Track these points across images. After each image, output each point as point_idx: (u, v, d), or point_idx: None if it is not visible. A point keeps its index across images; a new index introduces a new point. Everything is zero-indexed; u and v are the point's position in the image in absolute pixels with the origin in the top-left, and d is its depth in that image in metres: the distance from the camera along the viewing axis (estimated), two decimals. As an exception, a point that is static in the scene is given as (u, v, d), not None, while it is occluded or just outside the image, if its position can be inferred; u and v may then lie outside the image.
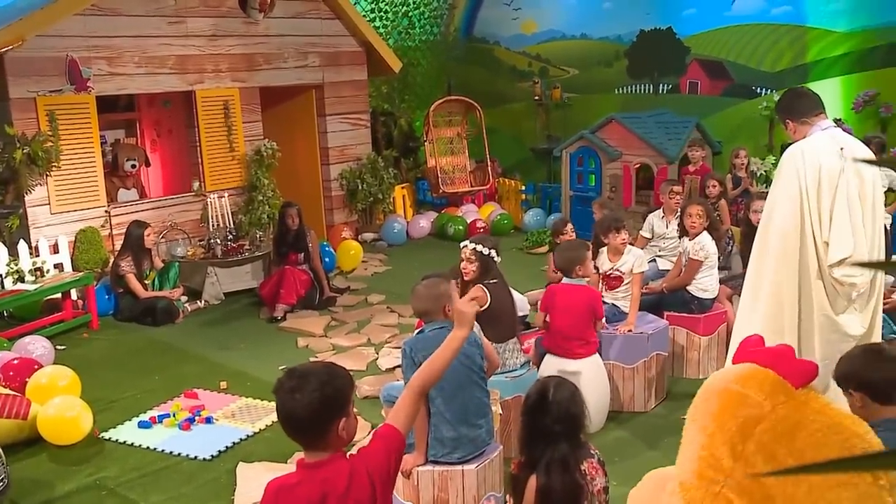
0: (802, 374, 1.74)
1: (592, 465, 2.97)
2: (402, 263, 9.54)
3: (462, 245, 4.94)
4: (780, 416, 1.66)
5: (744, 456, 1.66)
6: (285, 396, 2.31)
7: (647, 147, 9.39)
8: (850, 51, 9.31)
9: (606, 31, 11.57)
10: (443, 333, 3.75)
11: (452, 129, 11.98)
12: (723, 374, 1.82)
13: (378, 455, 2.39)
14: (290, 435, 2.37)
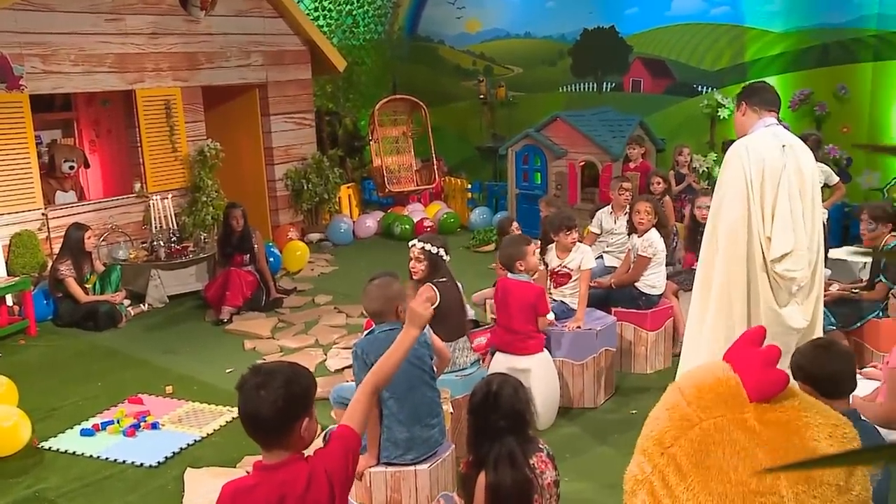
0: (759, 389, 1.71)
1: (542, 458, 2.97)
2: (348, 264, 9.47)
3: (410, 244, 4.92)
4: (704, 431, 1.66)
5: (658, 465, 1.68)
6: (250, 393, 2.27)
7: (591, 145, 9.49)
8: (786, 51, 9.55)
9: (550, 30, 11.66)
10: (394, 335, 3.70)
11: (398, 128, 11.95)
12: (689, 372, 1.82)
13: (336, 456, 2.36)
14: (252, 434, 2.33)
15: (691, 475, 1.61)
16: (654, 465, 1.67)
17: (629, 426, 5.03)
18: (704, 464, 1.61)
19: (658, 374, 5.90)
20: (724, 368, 1.73)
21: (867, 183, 9.07)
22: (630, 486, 1.72)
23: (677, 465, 1.64)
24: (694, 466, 1.62)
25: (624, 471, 4.33)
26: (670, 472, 1.64)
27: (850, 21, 9.07)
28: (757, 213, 3.90)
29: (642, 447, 1.72)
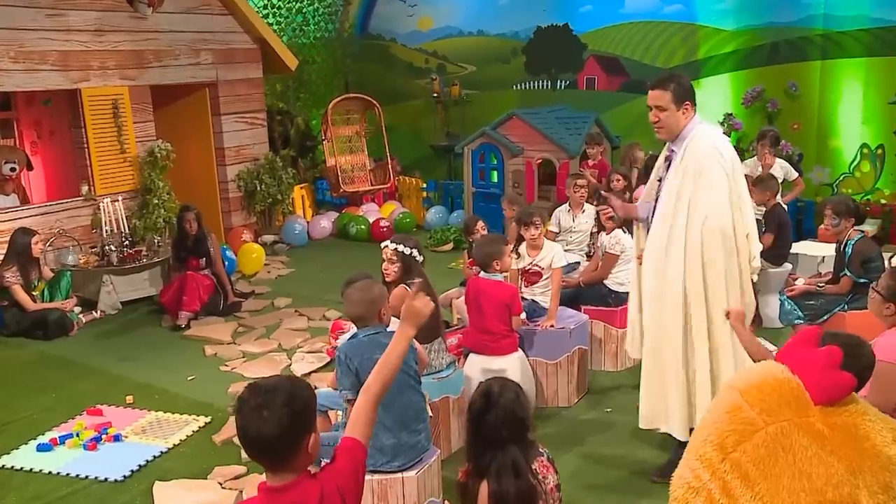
0: (825, 391, 1.63)
1: (543, 463, 2.90)
2: (305, 265, 9.30)
3: (383, 245, 4.81)
4: (771, 435, 1.56)
5: (719, 471, 1.58)
6: (252, 415, 2.11)
7: (548, 142, 9.47)
8: (738, 48, 9.69)
9: (503, 28, 11.64)
10: (378, 338, 3.63)
11: (351, 127, 11.78)
12: (742, 374, 1.71)
13: (347, 471, 2.24)
14: (256, 457, 2.18)
15: (759, 483, 1.52)
16: (713, 472, 1.58)
17: (606, 425, 5.02)
18: (773, 471, 1.52)
19: (629, 372, 5.87)
20: (781, 370, 1.64)
21: (818, 179, 9.25)
22: (681, 493, 1.62)
23: (743, 472, 1.54)
24: (761, 473, 1.53)
25: (605, 471, 4.34)
26: (733, 478, 1.55)
27: (799, 20, 9.23)
28: (736, 210, 3.91)
29: (698, 452, 1.62)
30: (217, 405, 5.38)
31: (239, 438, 2.18)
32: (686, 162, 3.90)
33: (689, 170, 3.89)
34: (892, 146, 8.88)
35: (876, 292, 3.53)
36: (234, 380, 5.81)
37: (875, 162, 9.00)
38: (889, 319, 3.48)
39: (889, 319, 3.48)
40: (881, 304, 3.50)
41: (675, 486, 1.67)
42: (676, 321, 3.93)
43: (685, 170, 3.90)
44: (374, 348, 3.57)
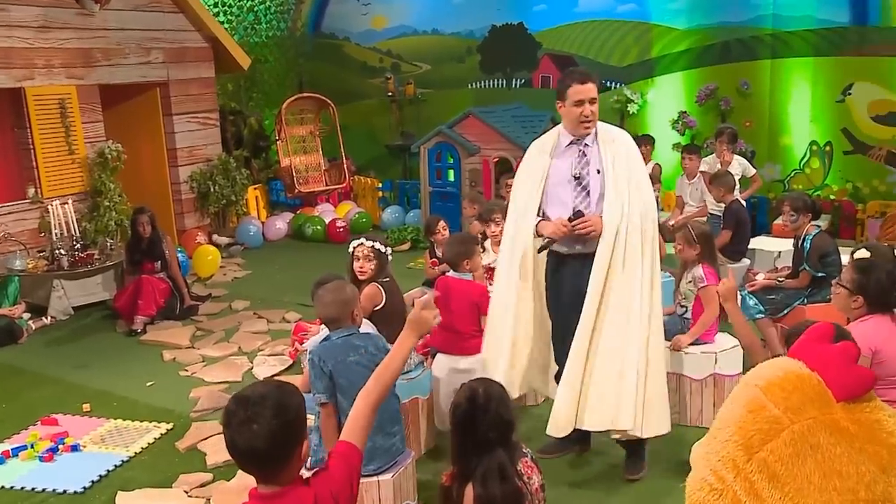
0: (847, 387, 1.60)
1: (527, 464, 2.87)
2: (262, 267, 9.16)
3: (357, 243, 4.74)
4: (797, 434, 1.52)
5: (744, 472, 1.54)
6: (242, 428, 2.02)
7: (504, 141, 9.48)
8: (691, 47, 9.84)
9: (458, 27, 11.62)
10: (351, 340, 3.57)
11: (305, 127, 11.65)
12: (760, 371, 1.66)
13: (341, 477, 2.18)
14: (247, 469, 2.11)
15: (789, 483, 1.49)
16: (737, 473, 1.54)
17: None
18: (802, 471, 1.49)
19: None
20: (800, 366, 1.62)
21: (769, 175, 9.41)
22: (703, 495, 1.58)
23: (771, 472, 1.51)
24: (790, 473, 1.50)
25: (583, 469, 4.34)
26: (761, 479, 1.51)
27: (749, 20, 9.40)
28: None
29: (720, 452, 1.58)
30: (179, 411, 5.25)
31: (228, 451, 2.10)
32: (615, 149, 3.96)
33: (622, 156, 3.96)
34: (839, 143, 9.09)
35: (842, 287, 3.57)
36: (195, 385, 5.69)
37: (824, 159, 9.20)
38: (856, 312, 3.53)
39: (856, 312, 3.53)
40: (848, 297, 3.54)
41: (694, 488, 1.62)
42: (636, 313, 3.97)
43: (616, 157, 3.95)
44: (347, 350, 3.52)
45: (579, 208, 3.96)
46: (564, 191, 4.01)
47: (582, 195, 3.99)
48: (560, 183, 4.03)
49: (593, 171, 3.97)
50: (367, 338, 3.68)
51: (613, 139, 4.01)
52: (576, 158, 4.00)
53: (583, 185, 3.98)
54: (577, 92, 3.87)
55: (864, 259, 3.64)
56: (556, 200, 4.04)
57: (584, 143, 3.99)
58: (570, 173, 3.99)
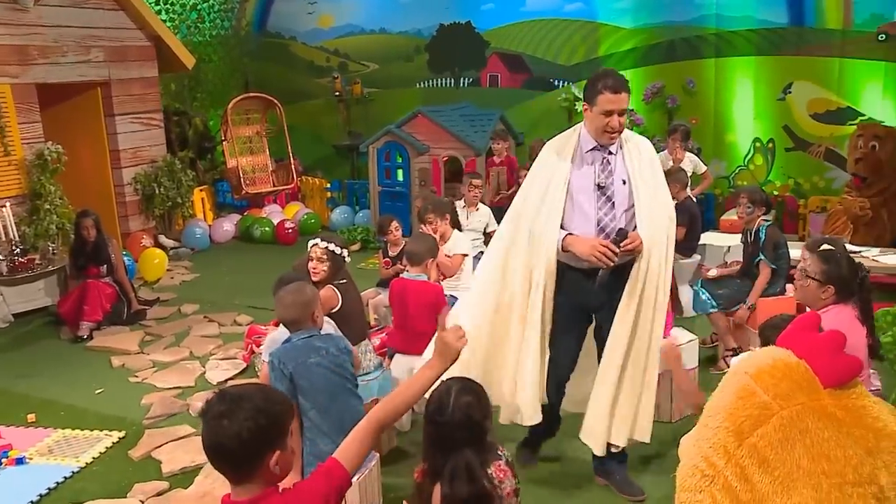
0: (834, 374, 1.63)
1: (500, 467, 2.81)
2: (210, 269, 8.99)
3: (311, 243, 4.67)
4: (787, 419, 1.56)
5: (735, 457, 1.56)
6: (213, 422, 2.00)
7: (454, 140, 9.48)
8: (637, 46, 9.95)
9: (405, 25, 11.57)
10: (312, 342, 3.50)
11: (251, 127, 11.47)
12: (749, 360, 1.69)
13: (317, 493, 2.10)
14: (216, 466, 2.06)
15: (778, 467, 1.51)
16: (728, 458, 1.56)
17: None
18: (791, 455, 1.52)
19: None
20: (788, 354, 1.64)
21: (715, 172, 9.54)
22: (694, 481, 1.59)
23: (761, 457, 1.53)
24: (780, 458, 1.52)
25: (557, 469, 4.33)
26: (751, 464, 1.53)
27: (693, 19, 9.55)
28: None
29: (711, 440, 1.60)
30: (130, 418, 5.11)
31: (202, 445, 2.06)
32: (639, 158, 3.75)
33: (646, 165, 3.75)
34: (781, 140, 9.30)
35: (810, 279, 3.59)
36: (146, 391, 5.54)
37: (767, 155, 9.41)
38: (825, 302, 3.54)
39: (825, 302, 3.54)
40: (818, 288, 3.56)
41: (686, 475, 1.64)
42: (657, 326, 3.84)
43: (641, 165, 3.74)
44: (308, 352, 3.46)
45: (620, 226, 3.69)
46: (587, 201, 3.73)
47: (607, 206, 3.72)
48: (582, 191, 3.74)
49: (618, 180, 3.72)
50: (329, 339, 3.63)
51: (637, 146, 3.79)
52: (599, 166, 3.73)
53: (607, 196, 3.72)
54: (608, 101, 3.59)
55: (830, 250, 3.71)
56: (578, 211, 3.75)
57: (608, 151, 3.73)
58: (592, 182, 3.72)
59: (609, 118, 3.60)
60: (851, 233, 7.38)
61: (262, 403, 2.03)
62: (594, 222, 3.71)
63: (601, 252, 3.60)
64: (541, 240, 3.77)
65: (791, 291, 4.51)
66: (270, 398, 2.08)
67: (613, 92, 3.57)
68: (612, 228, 3.67)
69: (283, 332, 3.98)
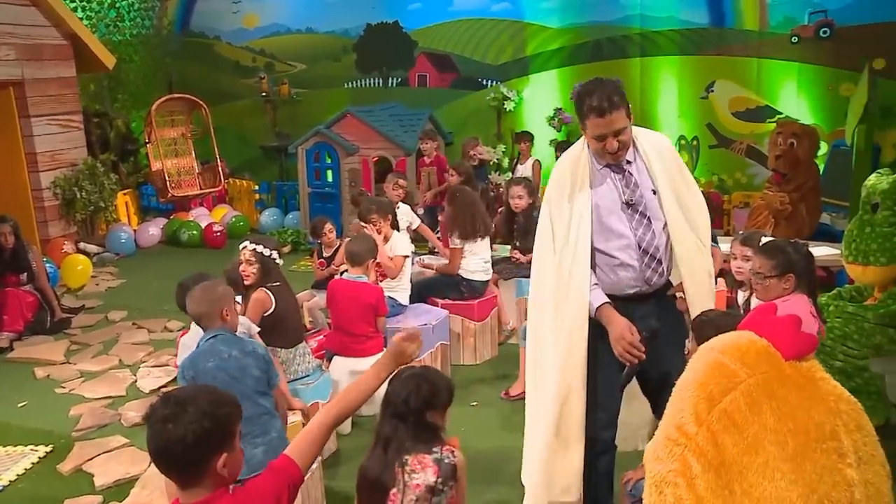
0: (794, 348, 1.74)
1: (421, 459, 2.76)
2: (137, 275, 8.75)
3: (241, 246, 4.61)
4: (753, 385, 1.66)
5: (706, 422, 1.66)
6: (158, 426, 1.96)
7: (384, 140, 9.47)
8: (564, 46, 10.09)
9: (333, 25, 11.47)
10: (215, 345, 3.40)
11: (176, 129, 11.20)
12: (714, 342, 1.81)
13: (268, 491, 2.07)
14: (163, 471, 2.02)
15: (746, 429, 1.62)
16: (700, 423, 1.66)
17: (475, 418, 5.03)
18: (759, 418, 1.63)
19: (487, 364, 5.97)
20: (750, 334, 1.76)
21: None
22: (667, 451, 1.67)
23: (731, 420, 1.64)
24: (748, 420, 1.63)
25: (479, 464, 4.35)
26: (721, 428, 1.64)
27: (618, 19, 9.74)
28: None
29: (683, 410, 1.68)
30: (58, 432, 4.92)
31: (148, 450, 2.01)
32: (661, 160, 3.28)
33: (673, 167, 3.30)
34: (705, 138, 9.56)
35: (769, 278, 3.56)
36: (75, 402, 5.36)
37: (692, 152, 9.66)
38: (787, 291, 3.56)
39: (787, 291, 3.56)
40: (779, 282, 3.56)
41: (657, 447, 1.72)
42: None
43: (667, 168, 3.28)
44: (208, 356, 3.37)
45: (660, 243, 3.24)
46: (619, 221, 3.25)
47: (643, 224, 3.25)
48: (611, 213, 3.26)
49: (647, 192, 3.26)
50: (236, 342, 3.47)
51: (656, 147, 3.31)
52: (621, 182, 3.25)
53: (640, 212, 3.25)
54: (596, 126, 3.12)
55: (770, 242, 3.78)
56: (611, 234, 3.26)
57: (625, 161, 3.25)
58: (619, 200, 3.25)
59: (603, 142, 3.15)
60: (773, 227, 7.62)
61: (207, 406, 1.99)
62: (635, 245, 3.23)
63: (627, 350, 3.13)
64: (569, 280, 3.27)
65: (722, 285, 4.61)
66: (216, 400, 2.04)
67: (599, 115, 3.10)
68: (654, 247, 3.23)
69: (193, 335, 3.92)
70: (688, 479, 1.64)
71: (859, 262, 4.56)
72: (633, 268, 3.23)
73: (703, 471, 1.63)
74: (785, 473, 1.59)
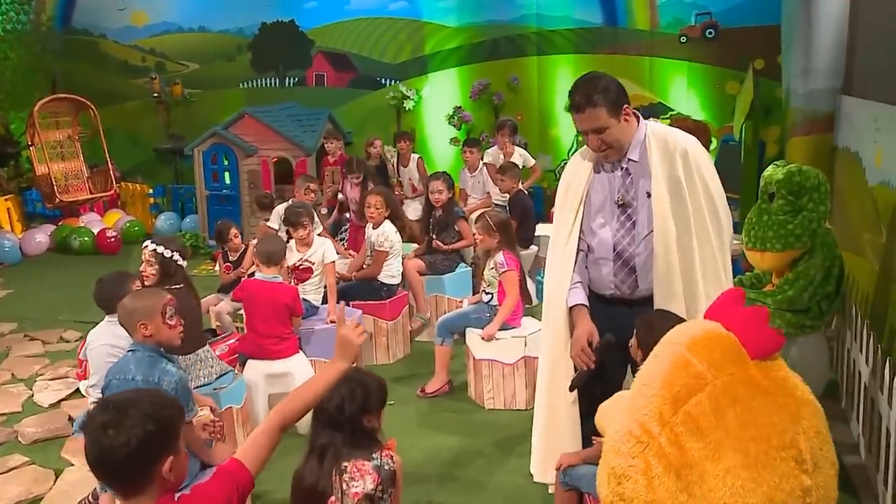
0: (761, 346, 1.72)
1: (360, 466, 2.74)
2: (25, 284, 8.32)
3: (143, 245, 4.46)
4: (719, 389, 1.64)
5: (670, 424, 1.64)
6: (97, 433, 1.86)
7: (283, 140, 9.33)
8: (462, 44, 10.19)
9: (226, 24, 11.20)
10: (128, 362, 3.23)
11: (62, 131, 10.66)
12: (682, 331, 1.76)
13: (217, 495, 1.98)
14: (103, 479, 1.93)
15: (710, 434, 1.59)
16: (663, 424, 1.63)
17: (394, 418, 4.97)
18: (722, 422, 1.60)
19: (401, 363, 5.96)
20: (718, 326, 1.73)
21: (541, 165, 9.92)
22: (629, 447, 1.65)
23: (695, 423, 1.61)
24: (711, 424, 1.60)
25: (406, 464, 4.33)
26: (684, 430, 1.61)
27: (515, 18, 9.91)
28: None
29: (647, 407, 1.66)
30: (-51, 453, 4.63)
31: (86, 460, 1.91)
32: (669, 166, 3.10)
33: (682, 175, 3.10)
34: (601, 134, 9.81)
35: None
36: (-35, 421, 5.05)
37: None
38: None
39: None
40: None
41: (619, 440, 1.69)
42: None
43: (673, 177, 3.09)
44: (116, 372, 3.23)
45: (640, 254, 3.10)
46: (604, 219, 3.16)
47: (626, 227, 3.13)
48: (600, 209, 3.17)
49: (642, 194, 3.09)
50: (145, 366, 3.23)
51: (669, 149, 3.10)
52: (619, 180, 3.13)
53: (628, 214, 3.12)
54: (575, 121, 3.08)
55: None
56: (595, 230, 3.18)
57: (627, 160, 3.11)
58: (612, 197, 3.14)
59: (587, 138, 3.08)
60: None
61: (149, 409, 1.90)
62: (611, 245, 3.15)
63: (577, 355, 3.12)
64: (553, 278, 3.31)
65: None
66: (158, 402, 1.95)
67: (575, 111, 3.04)
68: (630, 254, 3.13)
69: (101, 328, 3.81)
70: (648, 479, 1.64)
71: (757, 249, 4.77)
72: (608, 268, 3.18)
73: (664, 472, 1.63)
74: (745, 481, 1.60)
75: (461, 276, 6.48)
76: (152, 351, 3.30)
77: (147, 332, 3.28)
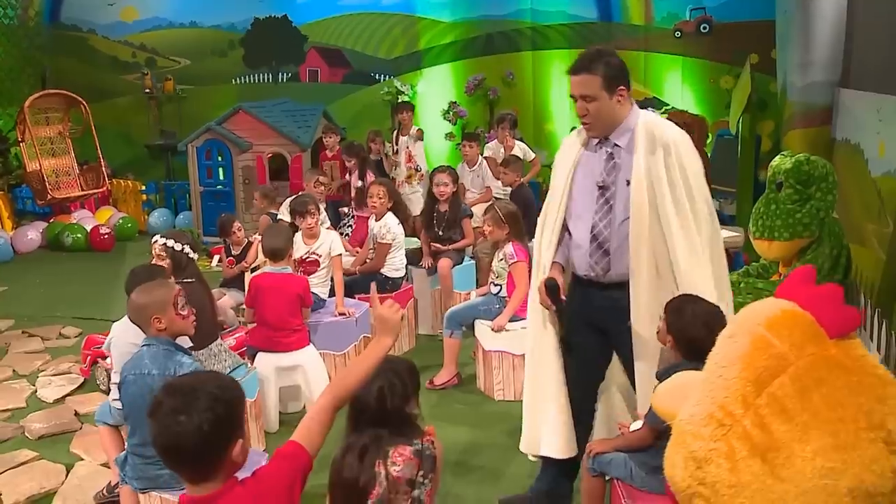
0: (840, 324, 1.67)
1: (402, 451, 2.71)
2: (18, 282, 8.21)
3: (153, 240, 4.44)
4: (802, 369, 1.61)
5: (754, 406, 1.60)
6: (167, 420, 1.83)
7: (278, 136, 9.27)
8: (457, 39, 10.21)
9: (218, 19, 11.16)
10: (143, 357, 3.22)
11: (53, 127, 10.54)
12: (757, 311, 1.70)
13: (281, 479, 1.96)
14: (172, 466, 1.90)
15: (796, 416, 1.56)
16: (747, 407, 1.59)
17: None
18: (809, 404, 1.56)
19: (407, 356, 5.91)
20: (792, 305, 1.69)
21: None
22: (710, 430, 1.61)
23: (780, 405, 1.57)
24: (799, 407, 1.56)
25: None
26: (770, 413, 1.57)
27: (510, 14, 9.95)
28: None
29: (728, 389, 1.62)
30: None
31: (153, 446, 1.89)
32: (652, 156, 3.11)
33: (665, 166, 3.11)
34: (595, 129, 9.85)
35: None
36: (-33, 419, 4.99)
37: (583, 144, 9.93)
38: None
39: None
40: None
41: (700, 424, 1.65)
42: None
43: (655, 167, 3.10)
44: (132, 367, 3.24)
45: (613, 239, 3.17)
46: (585, 200, 3.22)
47: (604, 210, 3.19)
48: (583, 191, 3.24)
49: (621, 181, 3.15)
50: (161, 360, 3.22)
51: (656, 140, 3.11)
52: (604, 163, 3.19)
53: (606, 198, 3.17)
54: (571, 84, 3.13)
55: None
56: (576, 211, 3.26)
57: (612, 144, 3.17)
58: (595, 177, 3.20)
59: (576, 105, 3.14)
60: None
61: (216, 391, 1.90)
62: (588, 227, 3.21)
63: (543, 301, 3.32)
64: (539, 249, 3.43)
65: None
66: (223, 383, 1.96)
67: (572, 73, 3.12)
68: (605, 237, 3.18)
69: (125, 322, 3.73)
70: (732, 462, 1.61)
71: (765, 238, 4.79)
72: (583, 250, 3.23)
73: (749, 455, 1.60)
74: (835, 462, 1.56)
75: (466, 269, 6.47)
76: (167, 344, 3.29)
77: (161, 325, 3.26)
